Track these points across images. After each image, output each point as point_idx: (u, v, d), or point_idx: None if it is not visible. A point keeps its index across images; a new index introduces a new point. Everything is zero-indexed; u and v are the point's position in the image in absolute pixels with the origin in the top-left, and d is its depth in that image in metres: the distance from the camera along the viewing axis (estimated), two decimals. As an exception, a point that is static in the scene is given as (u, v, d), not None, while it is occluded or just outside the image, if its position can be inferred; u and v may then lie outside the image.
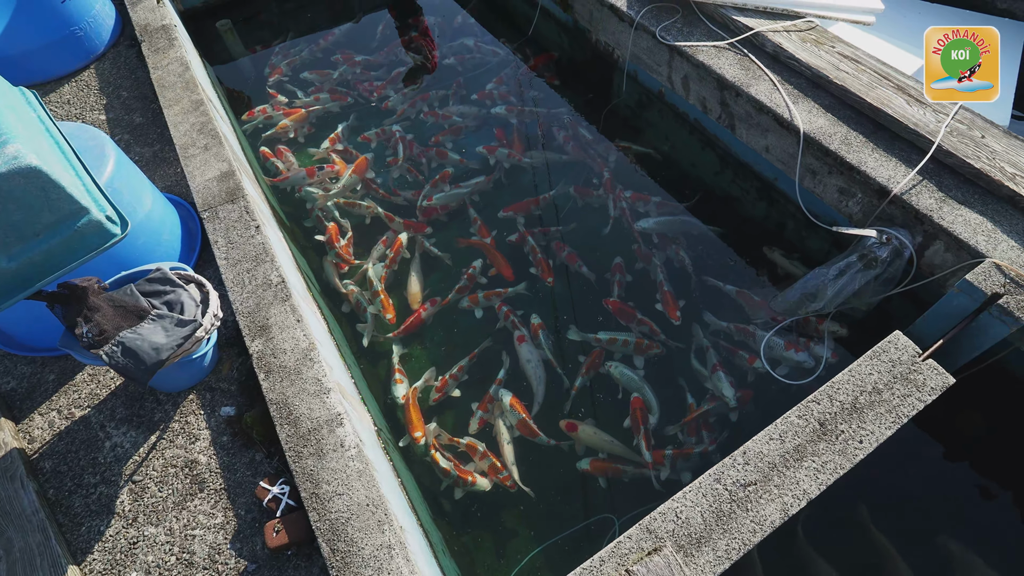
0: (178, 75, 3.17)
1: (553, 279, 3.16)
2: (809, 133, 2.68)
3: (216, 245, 2.39)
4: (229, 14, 4.73)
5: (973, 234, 2.29)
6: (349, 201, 3.53)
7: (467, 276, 3.19)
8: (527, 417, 2.67)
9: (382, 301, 3.07)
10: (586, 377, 2.84)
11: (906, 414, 1.91)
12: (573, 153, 3.71)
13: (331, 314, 3.04)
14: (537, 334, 2.96)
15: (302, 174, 3.63)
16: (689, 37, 3.19)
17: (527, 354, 2.89)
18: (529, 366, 2.86)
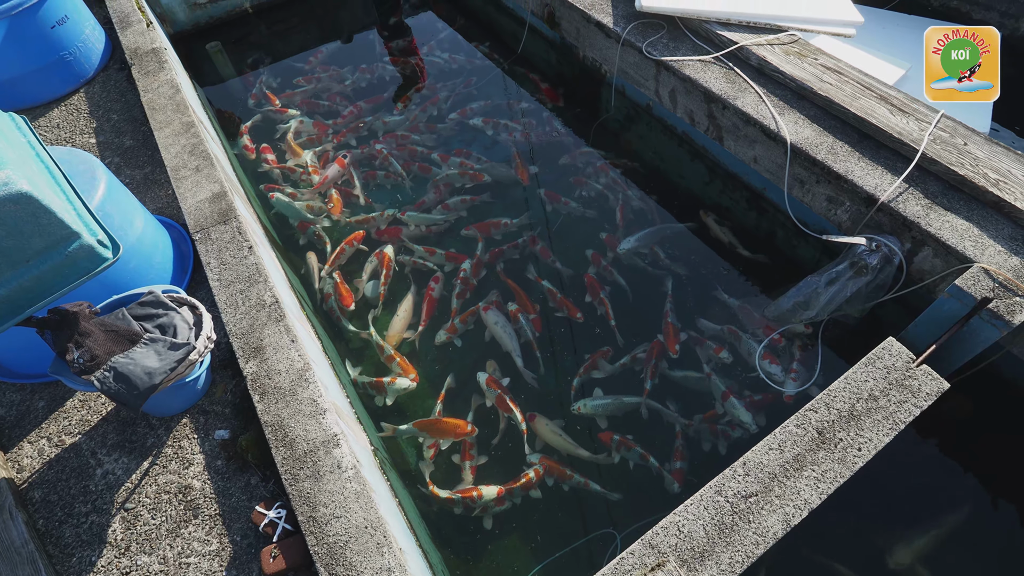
0: (168, 97, 3.18)
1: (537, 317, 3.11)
2: (796, 144, 2.72)
3: (209, 267, 2.38)
4: (219, 36, 4.76)
5: (960, 240, 2.33)
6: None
7: (460, 280, 3.20)
8: (503, 392, 2.78)
9: (400, 364, 2.86)
10: (585, 376, 2.86)
11: (903, 420, 1.91)
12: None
13: (325, 333, 3.02)
14: (517, 317, 3.05)
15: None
16: (675, 52, 3.24)
17: (493, 318, 3.03)
18: (497, 327, 3.00)
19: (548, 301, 3.14)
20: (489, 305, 3.09)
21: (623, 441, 2.63)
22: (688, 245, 3.38)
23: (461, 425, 2.67)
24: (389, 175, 3.79)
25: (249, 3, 4.87)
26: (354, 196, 3.68)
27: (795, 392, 2.67)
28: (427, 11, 5.22)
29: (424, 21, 5.12)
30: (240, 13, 4.89)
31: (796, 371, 2.75)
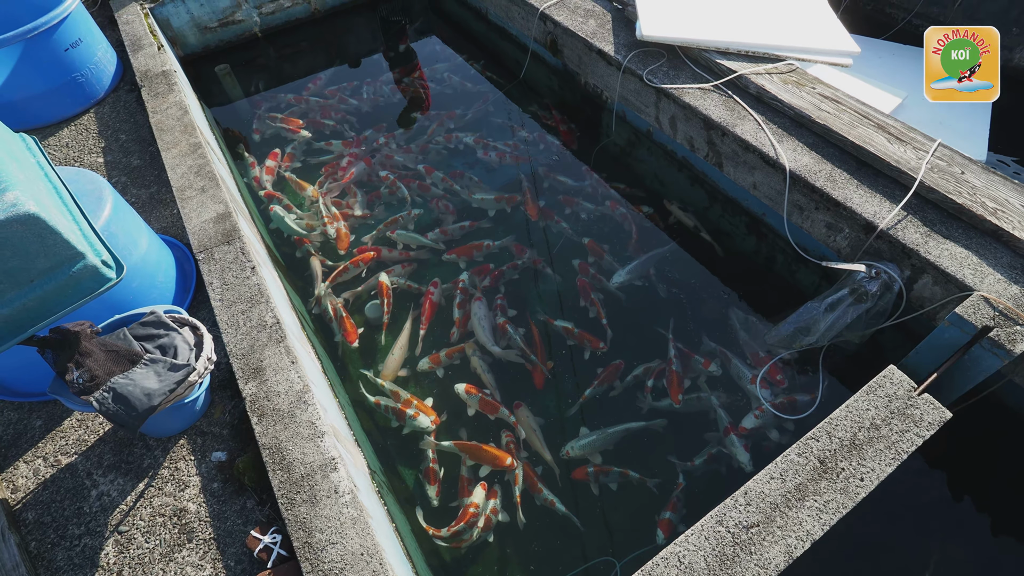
0: (177, 119, 3.23)
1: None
2: (795, 171, 2.75)
3: (211, 287, 2.39)
4: (228, 59, 4.86)
5: (960, 268, 2.34)
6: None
7: (460, 290, 3.24)
8: (484, 395, 2.80)
9: (419, 407, 2.76)
10: (598, 388, 2.85)
11: (905, 450, 1.90)
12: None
13: (326, 353, 3.02)
14: (505, 329, 3.07)
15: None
16: (675, 80, 3.30)
17: (477, 310, 3.11)
18: (475, 318, 3.08)
19: (566, 339, 3.06)
20: (480, 298, 3.19)
21: (599, 470, 2.57)
22: (683, 269, 3.39)
23: (502, 456, 2.58)
24: (393, 191, 3.82)
25: (258, 27, 4.98)
26: (356, 216, 3.71)
27: (796, 418, 2.66)
28: (432, 36, 5.33)
29: (429, 46, 5.23)
30: (249, 37, 5.00)
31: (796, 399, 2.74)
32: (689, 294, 3.25)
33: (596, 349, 3.00)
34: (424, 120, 4.41)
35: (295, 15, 5.09)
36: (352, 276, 3.38)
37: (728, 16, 3.51)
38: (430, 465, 2.61)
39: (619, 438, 2.69)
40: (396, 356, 2.98)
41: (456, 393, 2.84)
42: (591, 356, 3.00)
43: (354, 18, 5.36)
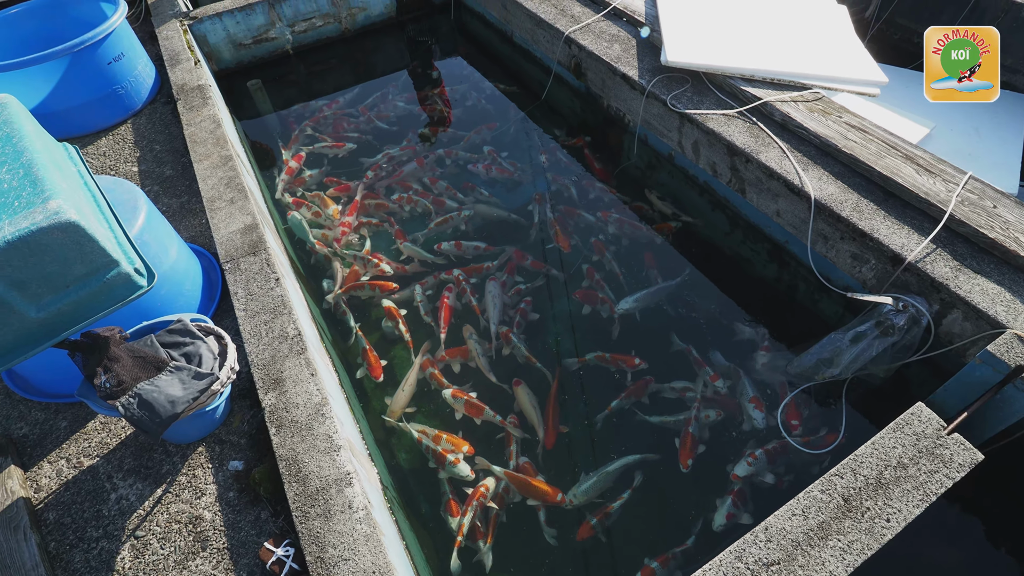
0: (210, 131, 3.33)
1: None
2: (820, 199, 2.73)
3: (236, 296, 2.44)
4: (260, 74, 5.01)
5: (992, 304, 2.28)
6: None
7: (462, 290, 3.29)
8: (470, 398, 2.82)
9: (449, 441, 2.70)
10: (625, 401, 2.83)
11: (934, 492, 1.84)
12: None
13: (343, 366, 3.04)
14: (509, 338, 3.08)
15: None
16: (699, 105, 3.32)
17: (491, 288, 3.26)
18: (488, 297, 3.22)
19: (603, 367, 3.02)
20: (494, 277, 3.34)
21: (601, 517, 2.48)
22: (703, 293, 3.36)
23: (551, 493, 2.52)
24: (413, 201, 3.88)
25: (290, 45, 5.13)
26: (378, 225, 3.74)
27: (818, 454, 2.59)
28: (456, 57, 5.44)
29: (453, 66, 5.33)
30: (281, 54, 5.15)
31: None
32: (709, 320, 3.22)
33: (632, 368, 2.98)
34: (444, 138, 4.49)
35: (326, 34, 5.24)
36: (366, 296, 3.41)
37: (753, 43, 3.53)
38: (451, 499, 2.57)
39: (617, 475, 2.61)
40: (405, 392, 2.90)
41: (444, 398, 2.88)
42: (628, 376, 2.97)
43: (382, 38, 5.50)
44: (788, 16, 3.84)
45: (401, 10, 5.48)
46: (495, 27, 5.23)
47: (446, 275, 3.44)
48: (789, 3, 3.98)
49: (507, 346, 3.10)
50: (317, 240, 3.66)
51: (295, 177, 4.10)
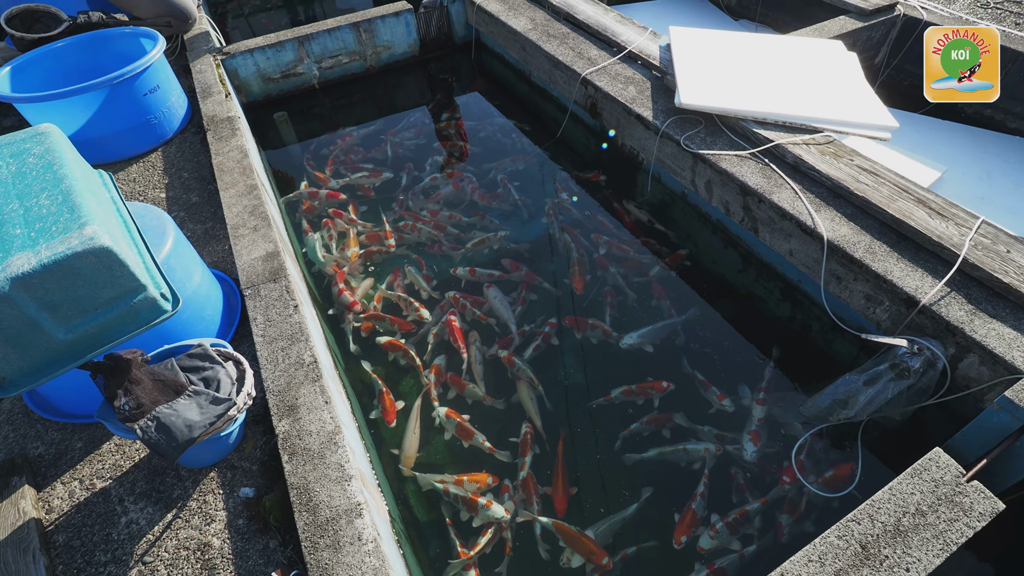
0: (236, 161, 3.46)
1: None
2: (833, 241, 2.75)
3: (255, 322, 2.48)
4: (286, 106, 5.21)
5: (1008, 349, 2.26)
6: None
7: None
8: (462, 420, 2.84)
9: (471, 480, 2.65)
10: (646, 426, 2.84)
11: (955, 541, 1.79)
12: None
13: (354, 393, 3.05)
14: (512, 361, 3.13)
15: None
16: (712, 146, 3.39)
17: (494, 293, 3.43)
18: (495, 301, 3.40)
19: (630, 401, 3.01)
20: (491, 284, 3.51)
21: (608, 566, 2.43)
22: (716, 329, 3.36)
23: (599, 554, 2.42)
24: (416, 229, 3.97)
25: (316, 80, 5.34)
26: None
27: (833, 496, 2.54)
28: (475, 93, 5.62)
29: (471, 101, 5.51)
30: (308, 88, 5.36)
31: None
32: (721, 355, 3.20)
33: (662, 392, 2.98)
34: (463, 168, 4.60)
35: (351, 70, 5.46)
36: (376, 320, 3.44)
37: (765, 88, 3.62)
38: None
39: (618, 529, 2.54)
40: (415, 435, 2.85)
41: (437, 415, 2.90)
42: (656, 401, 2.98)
43: (405, 75, 5.71)
44: (799, 62, 3.95)
45: (424, 49, 5.70)
46: (514, 67, 5.42)
47: (450, 302, 3.50)
48: (800, 49, 4.10)
49: (510, 369, 3.12)
50: (330, 265, 3.74)
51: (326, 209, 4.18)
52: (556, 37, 4.67)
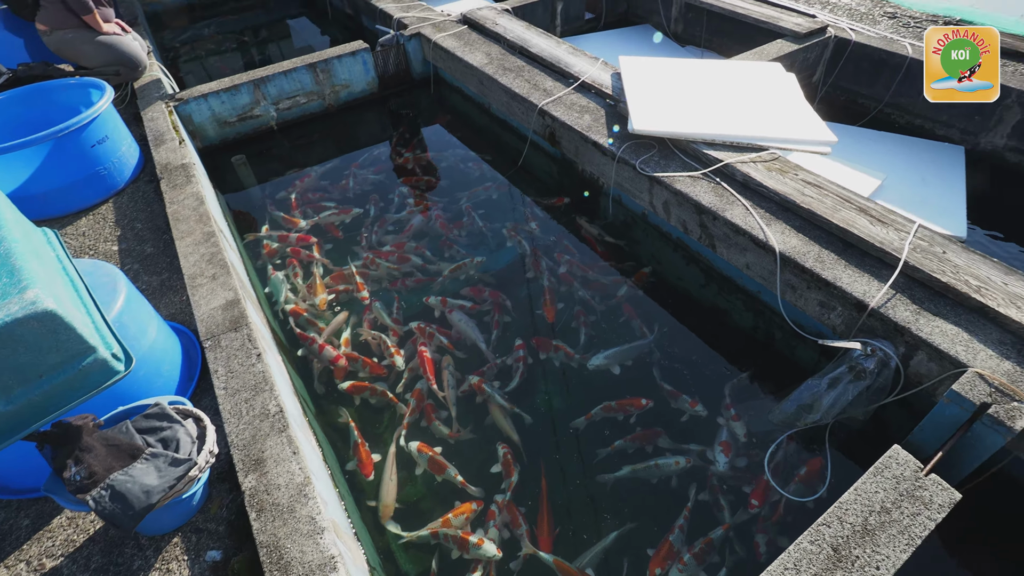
0: (193, 208, 3.40)
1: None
2: (784, 252, 2.86)
3: (216, 375, 2.41)
4: (244, 149, 5.17)
5: (952, 344, 2.38)
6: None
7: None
8: (435, 454, 2.81)
9: (456, 515, 2.60)
10: (630, 444, 2.86)
11: (919, 535, 1.85)
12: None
13: (326, 439, 2.97)
14: (482, 388, 3.12)
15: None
16: (666, 168, 3.51)
17: (458, 316, 3.48)
18: (461, 324, 3.45)
19: (609, 418, 3.02)
20: (453, 308, 3.55)
21: None
22: (684, 344, 3.43)
23: None
24: (376, 264, 3.96)
25: (274, 121, 5.33)
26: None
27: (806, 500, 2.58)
28: (435, 126, 5.70)
29: (433, 134, 5.58)
30: (265, 130, 5.33)
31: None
32: (690, 369, 3.26)
33: (641, 409, 3.01)
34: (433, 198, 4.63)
35: (310, 110, 5.47)
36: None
37: (712, 111, 3.79)
38: None
39: (598, 560, 2.51)
40: (392, 482, 2.75)
41: (408, 450, 2.87)
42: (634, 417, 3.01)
43: (365, 112, 5.75)
44: (743, 84, 4.16)
45: (383, 86, 5.77)
46: (473, 100, 5.53)
47: (415, 333, 3.49)
48: (743, 73, 4.32)
49: (480, 396, 3.11)
50: (293, 305, 3.68)
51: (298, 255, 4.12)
52: (512, 70, 4.80)
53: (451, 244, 4.14)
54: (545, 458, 2.90)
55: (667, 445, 2.88)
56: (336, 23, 7.93)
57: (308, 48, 7.44)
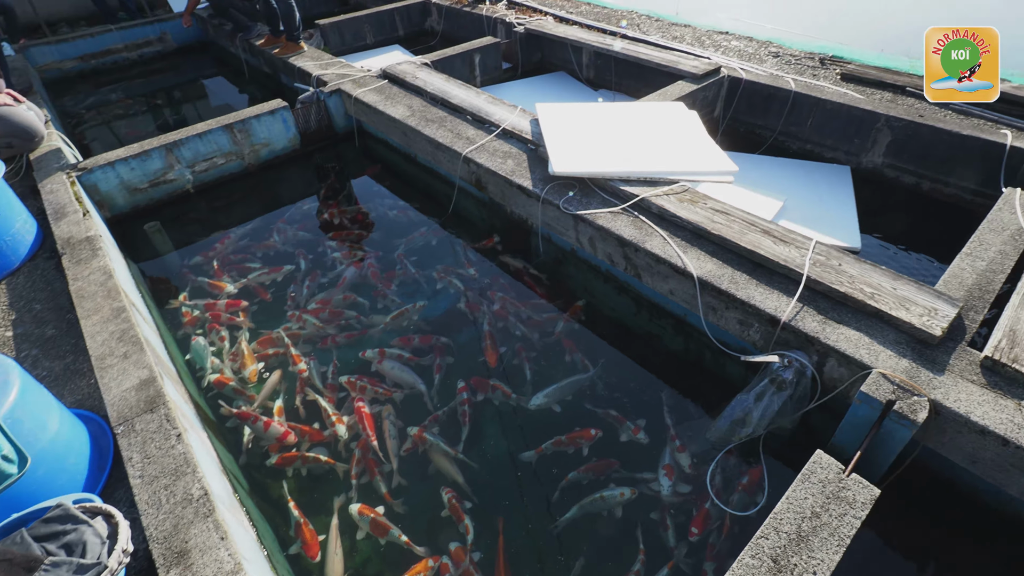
0: (100, 284, 3.19)
1: None
2: (702, 277, 3.05)
3: (130, 462, 2.22)
4: (158, 215, 4.94)
5: (856, 349, 2.59)
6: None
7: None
8: (376, 515, 2.72)
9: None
10: (583, 475, 2.87)
11: (847, 535, 1.95)
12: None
13: (263, 517, 2.78)
14: (424, 438, 3.07)
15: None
16: (588, 206, 3.68)
17: (389, 365, 3.46)
18: (394, 371, 3.42)
19: (559, 450, 3.02)
20: (381, 358, 3.51)
21: None
22: (622, 372, 3.52)
23: None
24: (301, 320, 3.86)
25: (190, 184, 5.15)
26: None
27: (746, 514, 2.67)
28: (363, 177, 5.71)
29: (361, 186, 5.58)
30: (181, 194, 5.13)
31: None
32: (630, 397, 3.34)
33: (591, 440, 3.04)
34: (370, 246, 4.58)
35: (229, 170, 5.34)
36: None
37: (624, 150, 4.05)
38: None
39: None
40: (337, 556, 2.60)
41: (350, 514, 2.75)
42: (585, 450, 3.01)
43: (288, 169, 5.68)
44: (651, 123, 4.48)
45: (306, 142, 5.74)
46: (399, 150, 5.60)
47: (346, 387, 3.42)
48: (650, 113, 4.66)
49: (422, 446, 3.04)
50: (219, 375, 3.48)
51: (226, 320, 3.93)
52: (435, 121, 4.93)
53: (384, 294, 4.09)
54: (498, 498, 2.85)
55: (614, 476, 2.91)
56: (254, 81, 7.87)
57: (226, 107, 7.30)
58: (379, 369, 3.49)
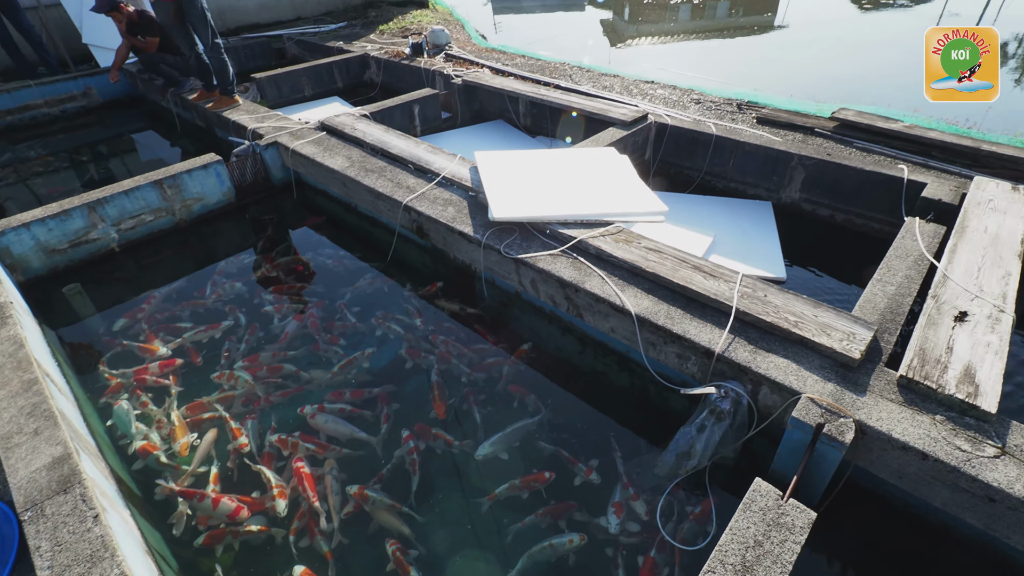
0: (9, 355, 2.94)
1: None
2: (639, 314, 3.16)
3: (38, 552, 2.01)
4: (79, 276, 4.65)
5: (785, 375, 2.74)
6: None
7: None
8: None
9: None
10: (541, 519, 2.82)
11: (789, 561, 2.01)
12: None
13: (193, 599, 2.56)
14: (366, 495, 2.96)
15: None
16: (528, 249, 3.78)
17: (322, 420, 3.35)
18: (328, 425, 3.33)
19: (516, 496, 2.99)
20: (315, 413, 3.40)
21: None
22: (568, 412, 3.55)
23: None
24: (234, 377, 3.71)
25: (116, 243, 4.90)
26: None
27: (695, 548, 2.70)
28: (302, 228, 5.63)
29: (300, 237, 5.49)
30: (106, 253, 4.87)
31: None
32: (578, 436, 3.36)
33: (545, 483, 3.02)
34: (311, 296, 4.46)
35: (158, 227, 5.14)
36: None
37: (561, 194, 4.22)
38: None
39: None
40: None
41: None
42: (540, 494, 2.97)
43: (223, 222, 5.53)
44: (585, 168, 4.70)
45: (241, 195, 5.63)
46: (339, 200, 5.58)
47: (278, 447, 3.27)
48: (584, 158, 4.89)
49: (365, 504, 2.93)
50: (143, 443, 3.24)
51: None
52: (374, 171, 4.97)
53: (326, 347, 3.99)
54: (452, 549, 2.75)
55: (566, 521, 2.89)
56: (187, 135, 7.71)
57: (158, 162, 7.09)
58: (313, 424, 3.37)
